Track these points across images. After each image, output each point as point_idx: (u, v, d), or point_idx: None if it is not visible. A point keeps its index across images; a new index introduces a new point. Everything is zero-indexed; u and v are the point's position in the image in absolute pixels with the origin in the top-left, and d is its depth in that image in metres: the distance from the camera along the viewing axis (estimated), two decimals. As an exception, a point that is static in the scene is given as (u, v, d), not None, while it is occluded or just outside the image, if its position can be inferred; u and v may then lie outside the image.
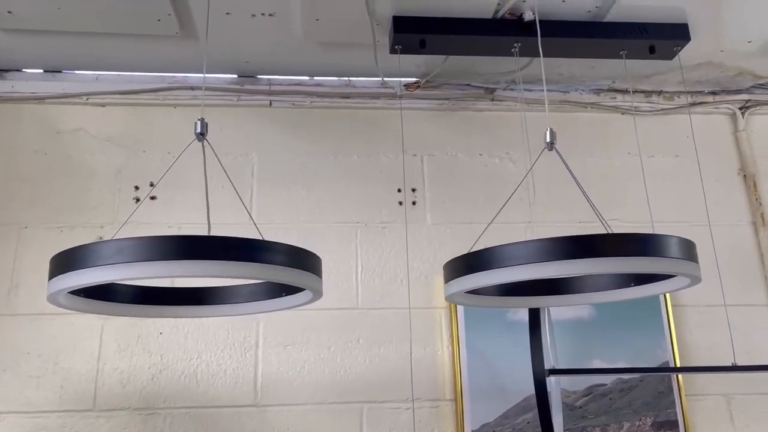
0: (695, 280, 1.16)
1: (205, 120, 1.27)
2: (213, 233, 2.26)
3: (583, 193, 1.33)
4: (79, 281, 1.00)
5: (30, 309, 2.15)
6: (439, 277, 2.31)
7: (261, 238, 1.08)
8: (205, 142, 1.27)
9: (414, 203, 2.41)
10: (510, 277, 1.07)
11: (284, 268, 1.05)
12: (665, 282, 1.29)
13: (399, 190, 2.41)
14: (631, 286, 1.37)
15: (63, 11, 2.00)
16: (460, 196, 2.43)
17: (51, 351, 2.13)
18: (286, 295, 1.31)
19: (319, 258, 1.17)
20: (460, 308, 2.25)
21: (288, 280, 1.06)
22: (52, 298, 1.10)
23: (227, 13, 2.08)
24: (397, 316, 2.26)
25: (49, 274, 1.05)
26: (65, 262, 1.02)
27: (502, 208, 1.68)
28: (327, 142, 2.45)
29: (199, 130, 1.26)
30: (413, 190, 2.42)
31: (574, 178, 1.37)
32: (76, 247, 1.02)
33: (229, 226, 2.27)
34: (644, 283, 1.34)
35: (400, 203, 2.40)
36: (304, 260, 1.10)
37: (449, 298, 1.25)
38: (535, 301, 1.50)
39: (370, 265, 2.33)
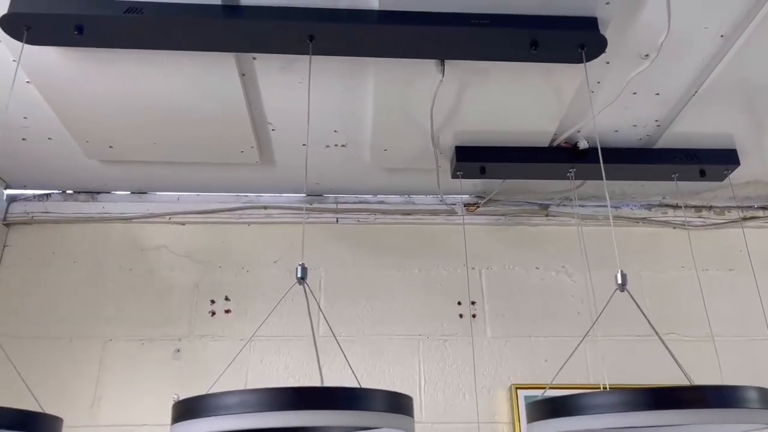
0: (774, 425, 1.22)
1: (305, 265, 1.41)
2: (286, 346, 2.36)
3: (659, 336, 1.41)
4: (206, 428, 1.11)
5: (112, 421, 2.26)
6: (502, 391, 2.36)
7: (358, 386, 1.19)
8: (306, 285, 1.40)
9: (474, 316, 2.49)
10: (598, 424, 1.14)
11: (386, 414, 1.15)
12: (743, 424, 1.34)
13: (459, 303, 2.51)
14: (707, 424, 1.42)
15: (158, 145, 2.22)
16: (519, 310, 2.51)
17: (130, 463, 2.22)
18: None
19: (411, 398, 1.26)
20: (524, 424, 2.28)
21: (390, 425, 1.16)
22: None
23: (303, 145, 2.28)
24: (462, 431, 2.30)
25: (174, 419, 1.17)
26: (190, 409, 1.14)
27: (582, 340, 1.75)
28: (389, 257, 2.58)
29: (300, 275, 1.40)
30: (473, 303, 2.51)
31: (648, 320, 1.45)
32: (201, 396, 1.14)
33: (299, 338, 2.39)
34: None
35: (461, 316, 2.49)
36: (402, 404, 1.20)
37: (532, 438, 1.32)
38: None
39: (432, 378, 2.39)
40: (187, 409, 1.16)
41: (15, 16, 1.56)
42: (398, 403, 1.20)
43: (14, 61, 1.83)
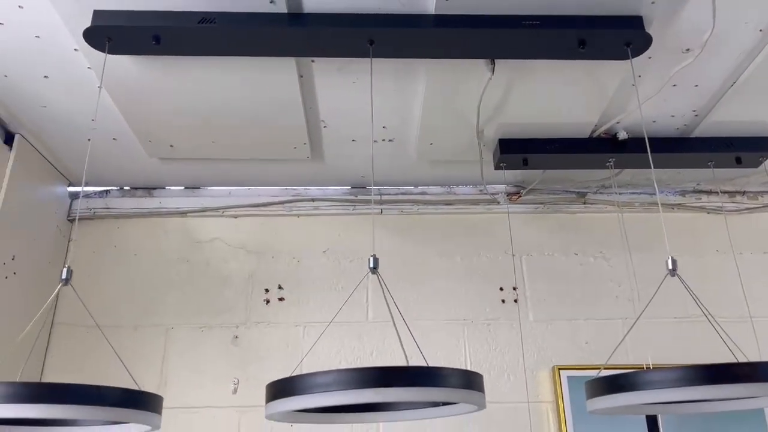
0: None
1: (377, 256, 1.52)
2: (338, 332, 2.49)
3: (709, 319, 1.51)
4: (302, 404, 1.23)
5: (177, 403, 2.40)
6: (545, 372, 2.47)
7: (428, 365, 1.30)
8: (378, 274, 1.51)
9: (516, 301, 2.60)
10: (661, 398, 1.25)
11: (464, 390, 1.27)
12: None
13: (501, 289, 2.61)
14: (752, 398, 1.51)
15: (216, 144, 2.34)
16: (559, 294, 2.61)
17: (196, 442, 2.37)
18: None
19: (482, 376, 1.37)
20: (567, 403, 2.39)
21: (467, 400, 1.27)
22: (271, 417, 1.33)
23: (353, 140, 2.38)
24: (507, 411, 2.41)
25: (271, 397, 1.29)
26: (288, 387, 1.26)
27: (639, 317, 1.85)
28: (432, 246, 2.69)
29: (372, 265, 1.51)
30: (514, 288, 2.62)
31: (700, 305, 1.55)
32: (298, 376, 1.26)
33: (349, 324, 2.52)
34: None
35: (503, 301, 2.60)
36: (476, 381, 1.32)
37: (593, 413, 1.43)
38: (659, 409, 1.65)
39: (477, 361, 2.51)
40: (283, 388, 1.28)
41: (98, 29, 1.68)
42: (473, 380, 1.32)
43: (89, 68, 1.95)
